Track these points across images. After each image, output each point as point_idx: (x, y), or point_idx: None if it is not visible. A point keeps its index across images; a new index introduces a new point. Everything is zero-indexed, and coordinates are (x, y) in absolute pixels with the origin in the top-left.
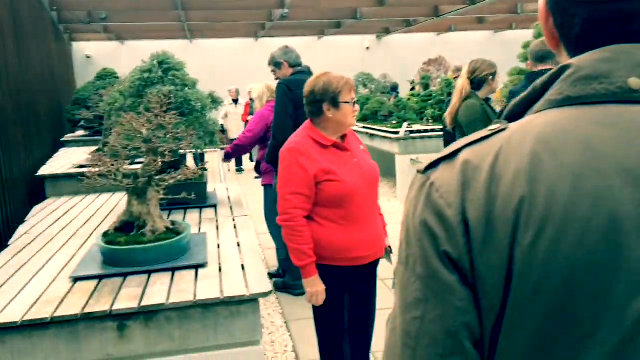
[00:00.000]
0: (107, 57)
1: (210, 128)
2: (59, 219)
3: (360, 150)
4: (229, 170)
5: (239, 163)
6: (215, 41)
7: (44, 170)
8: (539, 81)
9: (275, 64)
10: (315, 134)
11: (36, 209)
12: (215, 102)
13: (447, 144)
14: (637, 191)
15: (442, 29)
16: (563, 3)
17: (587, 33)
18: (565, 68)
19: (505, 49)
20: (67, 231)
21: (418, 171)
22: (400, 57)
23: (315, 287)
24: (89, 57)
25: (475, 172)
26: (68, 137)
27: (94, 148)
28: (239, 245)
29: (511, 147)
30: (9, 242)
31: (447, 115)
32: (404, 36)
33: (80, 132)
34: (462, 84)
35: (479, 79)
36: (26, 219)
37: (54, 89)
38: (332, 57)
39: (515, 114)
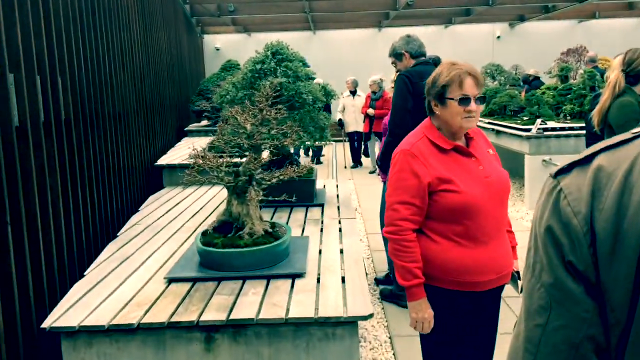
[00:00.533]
0: (235, 49)
1: (321, 123)
2: (169, 210)
3: (489, 156)
4: (345, 167)
5: (357, 157)
6: (339, 32)
7: (162, 160)
8: None
9: (396, 54)
10: (433, 135)
11: (151, 198)
12: (330, 94)
13: (588, 145)
14: None
15: (584, 16)
16: None
17: None
18: None
19: None
20: (174, 223)
21: (550, 175)
22: (534, 47)
23: (421, 313)
24: (218, 50)
25: (608, 180)
26: (192, 126)
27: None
28: (342, 252)
29: None
30: (119, 233)
31: (595, 114)
32: (540, 24)
33: (205, 122)
34: (615, 77)
35: (637, 72)
36: (140, 208)
37: (183, 79)
38: (458, 48)
39: None
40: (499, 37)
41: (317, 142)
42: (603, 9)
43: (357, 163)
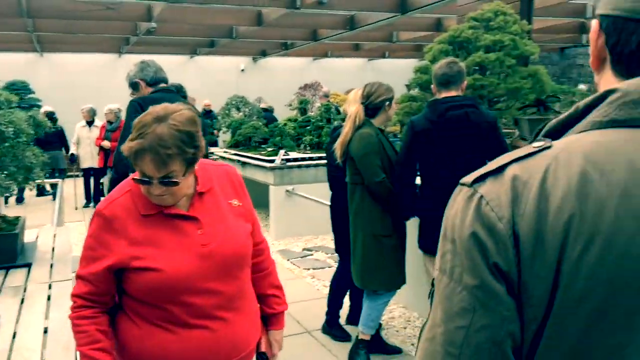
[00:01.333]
0: None
1: (27, 161)
2: None
3: (223, 213)
4: (77, 208)
5: (92, 196)
6: (73, 55)
7: None
8: (581, 103)
9: (131, 84)
10: (138, 191)
11: None
12: (41, 125)
13: (332, 178)
14: None
15: (318, 54)
16: (623, 22)
17: None
18: (610, 92)
19: (378, 77)
20: None
21: (462, 184)
22: (276, 81)
23: None
24: None
25: (525, 188)
26: None
27: None
28: (45, 332)
29: (559, 165)
30: None
31: (338, 146)
32: (280, 59)
33: None
34: (355, 110)
35: (375, 105)
36: None
37: None
38: (205, 78)
39: (555, 132)
40: (243, 69)
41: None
42: (334, 49)
43: (91, 202)
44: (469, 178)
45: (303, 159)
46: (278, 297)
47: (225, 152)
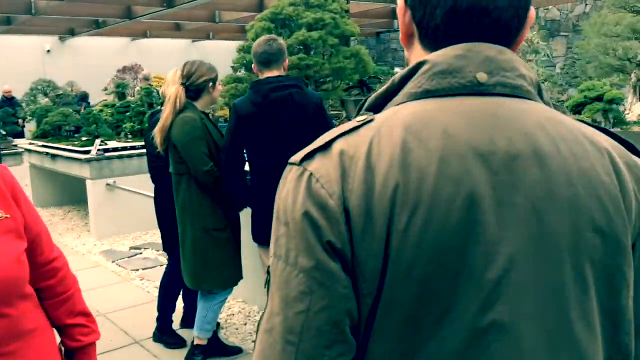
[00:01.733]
0: None
1: None
2: None
3: None
4: None
5: None
6: None
7: None
8: (397, 76)
9: None
10: None
11: None
12: None
13: (153, 169)
14: (490, 173)
15: (136, 34)
16: None
17: (447, 23)
18: (422, 64)
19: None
20: None
21: (291, 163)
22: (89, 63)
23: None
24: None
25: (352, 162)
26: None
27: None
28: None
29: (382, 138)
30: None
31: (157, 133)
32: (93, 39)
33: None
34: (175, 92)
35: (196, 86)
36: None
37: None
38: (4, 61)
39: (376, 106)
40: (49, 50)
41: None
42: (153, 29)
43: None
44: (297, 156)
45: (124, 149)
46: (84, 325)
47: (31, 143)
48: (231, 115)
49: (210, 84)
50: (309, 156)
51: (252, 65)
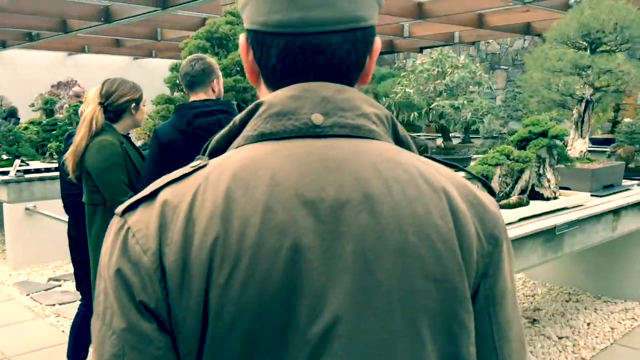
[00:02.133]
0: None
1: None
2: None
3: None
4: None
5: None
6: None
7: None
8: (238, 117)
9: None
10: None
11: None
12: None
13: (65, 197)
14: (317, 222)
15: (74, 49)
16: (262, 36)
17: (282, 63)
18: (259, 105)
19: (144, 77)
20: None
21: (116, 214)
22: (22, 78)
23: None
24: None
25: (174, 214)
26: None
27: None
28: None
29: (209, 185)
30: None
31: (69, 157)
32: (28, 53)
33: None
34: (92, 112)
35: (117, 107)
36: None
37: None
38: None
39: (217, 150)
40: None
41: None
42: (92, 44)
43: None
44: (121, 207)
45: (47, 170)
46: None
47: None
48: (152, 142)
49: (133, 104)
50: (132, 207)
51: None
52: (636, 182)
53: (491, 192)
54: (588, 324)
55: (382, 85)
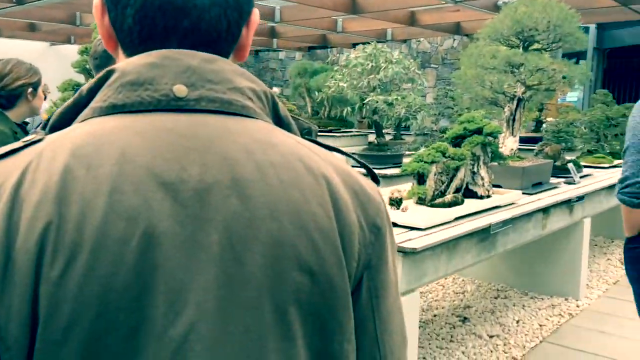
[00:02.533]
0: None
1: None
2: None
3: None
4: None
5: None
6: None
7: None
8: (85, 86)
9: None
10: None
11: None
12: None
13: None
14: (177, 206)
15: None
16: None
17: (139, 25)
18: (111, 72)
19: (63, 64)
20: None
21: None
22: None
23: None
24: None
25: None
26: None
27: None
28: None
29: (42, 162)
30: None
31: None
32: None
33: None
34: None
35: (10, 91)
36: None
37: None
38: None
39: (61, 124)
40: None
41: None
42: (4, 27)
43: None
44: None
45: None
46: None
47: None
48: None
49: (30, 89)
50: None
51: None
52: (563, 179)
53: (375, 179)
54: (517, 322)
55: (315, 79)
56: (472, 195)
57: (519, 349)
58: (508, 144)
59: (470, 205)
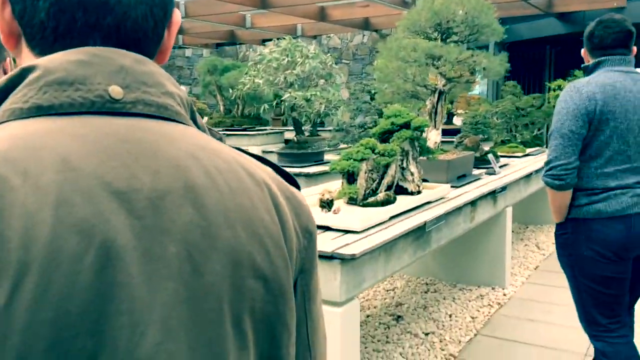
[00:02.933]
0: None
1: None
2: None
3: None
4: None
5: None
6: None
7: None
8: None
9: None
10: None
11: None
12: None
13: None
14: (132, 217)
15: None
16: None
17: (55, 20)
18: (29, 70)
19: None
20: None
21: None
22: None
23: None
24: None
25: None
26: None
27: None
28: None
29: None
30: None
31: None
32: None
33: None
34: None
35: None
36: None
37: None
38: None
39: None
40: None
41: None
42: None
43: None
44: None
45: None
46: None
47: None
48: None
49: None
50: None
51: None
52: (484, 170)
53: (296, 185)
54: (450, 316)
55: (226, 76)
56: (403, 191)
57: (454, 344)
58: (432, 137)
59: (403, 202)
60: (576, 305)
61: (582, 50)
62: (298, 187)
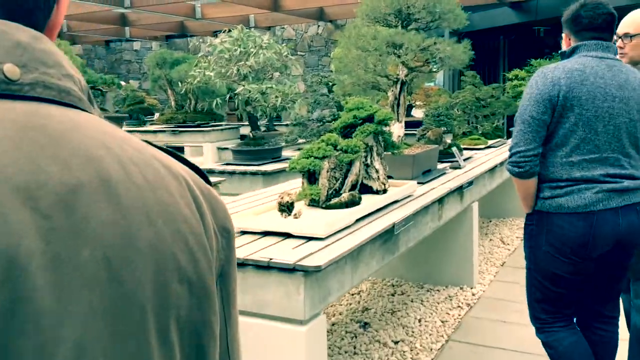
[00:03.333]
0: None
1: None
2: None
3: None
4: None
5: None
6: None
7: None
8: None
9: None
10: None
11: None
12: None
13: None
14: (38, 216)
15: None
16: None
17: None
18: None
19: None
20: None
21: None
22: None
23: None
24: None
25: None
26: None
27: None
28: None
29: None
30: None
31: None
32: None
33: None
34: None
35: None
36: None
37: None
38: None
39: None
40: None
41: None
42: None
43: None
44: None
45: None
46: None
47: None
48: None
49: None
50: None
51: None
52: (448, 164)
53: (208, 181)
54: (419, 320)
55: (177, 70)
56: (368, 190)
57: (426, 352)
58: (395, 130)
59: (369, 203)
60: (527, 298)
61: (563, 35)
62: (210, 183)
